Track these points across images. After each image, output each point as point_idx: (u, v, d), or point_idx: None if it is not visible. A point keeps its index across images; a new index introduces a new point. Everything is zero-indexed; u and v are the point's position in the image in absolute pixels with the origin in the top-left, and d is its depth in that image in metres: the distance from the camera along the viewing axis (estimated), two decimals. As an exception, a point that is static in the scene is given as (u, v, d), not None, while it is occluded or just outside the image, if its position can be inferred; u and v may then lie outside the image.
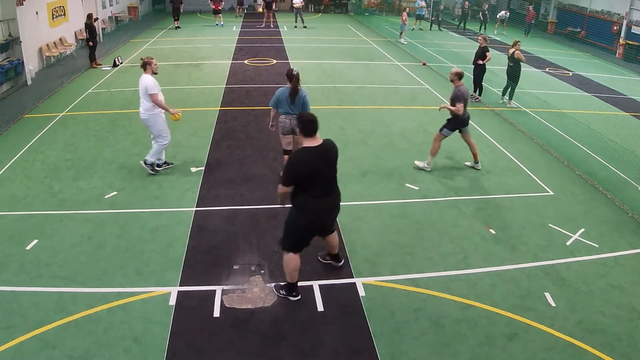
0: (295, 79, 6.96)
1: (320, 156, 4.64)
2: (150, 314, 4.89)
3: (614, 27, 21.76)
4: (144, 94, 7.21)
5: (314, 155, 4.60)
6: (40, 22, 13.93)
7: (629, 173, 8.57)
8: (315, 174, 4.61)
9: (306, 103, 7.14)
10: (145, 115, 7.36)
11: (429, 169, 8.21)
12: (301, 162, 4.62)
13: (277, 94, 7.13)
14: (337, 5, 30.85)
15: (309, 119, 4.69)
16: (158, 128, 7.43)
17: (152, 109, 7.30)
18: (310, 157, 4.60)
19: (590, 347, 4.69)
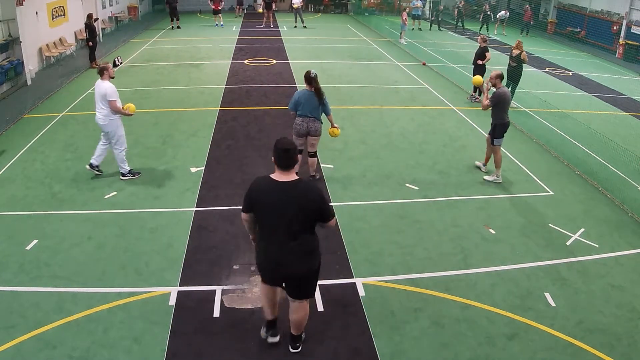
0: (315, 81, 7.09)
1: (284, 194, 3.77)
2: (150, 314, 4.89)
3: (614, 27, 21.76)
4: (101, 99, 7.05)
5: (274, 189, 3.79)
6: (40, 22, 13.93)
7: (629, 173, 8.56)
8: (267, 211, 3.81)
9: (326, 105, 7.30)
10: (105, 121, 7.16)
11: (499, 180, 7.90)
12: (256, 189, 3.89)
13: (296, 97, 7.19)
14: (337, 5, 30.84)
15: (283, 148, 3.79)
16: (119, 133, 7.27)
17: (111, 114, 7.15)
18: (268, 188, 3.82)
19: (590, 347, 4.69)
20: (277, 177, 3.83)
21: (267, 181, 3.84)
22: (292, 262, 3.91)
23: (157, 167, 8.11)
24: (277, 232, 3.84)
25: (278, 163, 3.83)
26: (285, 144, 3.83)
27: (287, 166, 3.81)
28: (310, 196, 3.83)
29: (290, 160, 3.81)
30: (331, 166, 8.32)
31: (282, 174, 3.83)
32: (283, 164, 3.81)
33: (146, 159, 8.41)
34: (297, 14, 23.53)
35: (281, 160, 3.80)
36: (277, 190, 3.79)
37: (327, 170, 8.14)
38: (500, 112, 7.75)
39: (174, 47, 17.87)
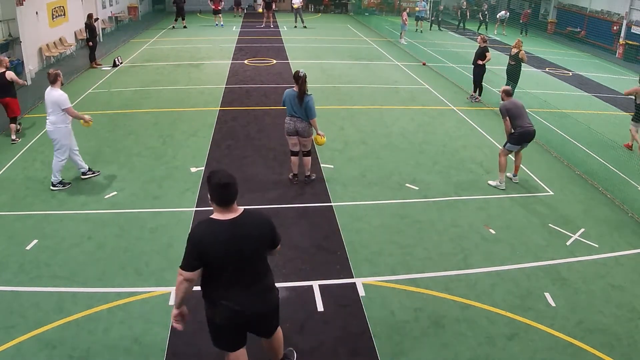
0: (302, 81, 6.96)
1: (233, 234, 3.28)
2: (150, 314, 4.89)
3: (614, 27, 21.76)
4: (53, 107, 6.91)
5: (222, 232, 3.28)
6: (40, 22, 13.93)
7: (629, 173, 8.56)
8: (223, 259, 3.30)
9: (310, 108, 7.11)
10: (51, 128, 7.02)
11: (502, 187, 7.73)
12: (200, 238, 3.29)
13: (284, 95, 7.22)
14: (337, 5, 30.86)
15: (220, 183, 3.28)
16: (62, 142, 7.10)
17: (60, 122, 7.00)
18: (214, 233, 3.29)
19: (590, 347, 4.69)
20: (220, 217, 3.32)
21: (211, 225, 3.32)
22: (259, 304, 3.50)
23: (157, 167, 8.11)
24: (236, 277, 3.36)
25: (217, 201, 3.32)
26: (223, 178, 3.29)
27: (227, 202, 3.31)
28: (263, 228, 3.42)
29: (230, 196, 3.30)
30: (331, 166, 8.32)
31: (224, 212, 3.32)
32: (222, 200, 3.30)
33: (146, 159, 8.41)
34: (297, 14, 23.53)
35: (220, 197, 3.30)
36: (226, 232, 3.28)
37: (327, 170, 8.14)
38: (513, 122, 7.59)
39: (174, 47, 17.87)
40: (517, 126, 7.57)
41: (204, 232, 3.32)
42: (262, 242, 3.41)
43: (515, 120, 7.57)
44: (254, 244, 3.36)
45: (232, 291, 3.39)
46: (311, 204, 7.10)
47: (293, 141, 7.38)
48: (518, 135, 7.59)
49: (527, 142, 7.78)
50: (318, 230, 6.46)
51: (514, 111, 7.59)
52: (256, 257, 3.43)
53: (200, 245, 3.27)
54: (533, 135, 7.68)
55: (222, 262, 3.30)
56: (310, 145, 7.50)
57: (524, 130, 7.55)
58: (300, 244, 6.11)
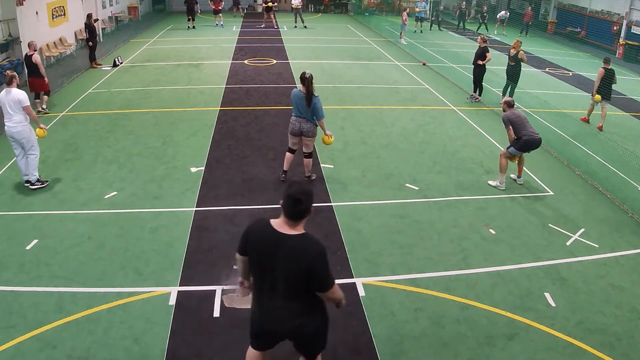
0: (308, 82, 6.96)
1: (274, 247, 3.17)
2: (150, 314, 4.89)
3: (614, 27, 21.76)
4: (15, 106, 6.90)
5: (270, 238, 3.20)
6: (40, 22, 13.93)
7: (629, 173, 8.56)
8: (260, 259, 3.28)
9: (317, 109, 7.10)
10: (19, 128, 6.93)
11: (502, 187, 7.75)
12: (251, 232, 3.32)
13: (292, 95, 7.27)
14: (337, 5, 30.86)
15: (295, 197, 3.15)
16: (32, 138, 7.12)
17: (25, 120, 7.00)
18: (262, 235, 3.24)
19: (590, 347, 4.69)
20: (277, 226, 3.23)
21: (266, 227, 3.26)
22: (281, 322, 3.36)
23: (157, 167, 8.11)
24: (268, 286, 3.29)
25: (284, 211, 3.21)
26: (298, 193, 3.16)
27: (292, 217, 3.19)
28: (310, 260, 3.14)
29: (297, 213, 3.17)
30: (331, 166, 8.32)
31: (285, 224, 3.22)
32: (288, 213, 3.19)
33: (146, 159, 8.41)
34: (297, 14, 23.42)
35: (287, 209, 3.19)
36: (271, 241, 3.19)
37: (327, 170, 8.14)
38: (517, 131, 7.60)
39: (174, 47, 17.87)
40: (523, 134, 7.55)
41: (256, 229, 3.31)
42: (303, 275, 3.16)
43: (520, 130, 7.56)
44: (293, 270, 3.17)
45: (259, 298, 3.39)
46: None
47: (294, 140, 7.39)
48: (524, 142, 7.57)
49: (532, 150, 7.79)
50: (318, 230, 6.46)
51: (516, 121, 7.59)
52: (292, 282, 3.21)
53: (246, 237, 3.35)
54: (539, 143, 7.65)
55: (258, 266, 3.31)
56: (312, 147, 7.50)
57: (529, 139, 7.53)
58: (300, 244, 6.10)
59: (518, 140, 7.60)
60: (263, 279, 3.31)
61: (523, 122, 7.61)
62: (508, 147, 7.77)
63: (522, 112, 7.88)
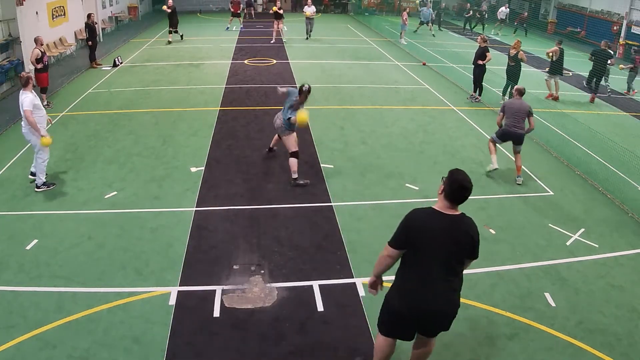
0: (304, 95, 7.36)
1: (451, 228, 3.45)
2: (150, 314, 4.89)
3: (614, 27, 21.76)
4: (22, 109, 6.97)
5: (441, 223, 3.45)
6: (40, 22, 13.92)
7: (629, 173, 8.56)
8: (430, 246, 3.44)
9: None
10: (26, 130, 7.02)
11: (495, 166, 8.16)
12: (418, 222, 3.50)
13: (289, 89, 7.65)
14: (337, 5, 30.87)
15: (460, 183, 3.45)
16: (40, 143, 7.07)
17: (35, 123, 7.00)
18: (434, 222, 3.46)
19: (590, 347, 4.69)
20: (443, 210, 3.47)
21: (432, 214, 3.48)
22: (444, 302, 3.54)
23: (157, 167, 8.11)
24: (435, 269, 3.46)
25: (449, 197, 3.45)
26: (465, 181, 3.45)
27: (457, 201, 3.47)
28: (472, 232, 3.51)
29: (463, 198, 3.46)
30: (331, 166, 8.32)
31: (447, 208, 3.47)
32: (454, 198, 3.45)
33: (146, 159, 8.41)
34: (308, 24, 20.12)
35: (454, 195, 3.44)
36: (444, 224, 3.44)
37: (327, 170, 8.14)
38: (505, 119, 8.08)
39: (174, 47, 17.87)
40: (506, 124, 8.06)
41: (422, 218, 3.48)
42: (467, 247, 3.49)
43: (506, 119, 8.04)
44: (461, 245, 3.46)
45: (423, 283, 3.48)
46: (311, 204, 7.10)
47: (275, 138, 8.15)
48: (502, 132, 8.10)
49: (513, 142, 8.06)
50: (318, 230, 6.46)
51: (509, 111, 7.99)
52: (456, 259, 3.50)
53: (413, 228, 3.46)
54: (515, 137, 7.97)
55: (427, 251, 3.43)
56: (292, 147, 7.47)
57: (507, 130, 7.98)
58: (300, 244, 6.11)
59: (500, 128, 8.19)
60: (431, 262, 3.44)
61: (514, 114, 7.94)
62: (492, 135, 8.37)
63: (523, 105, 7.98)
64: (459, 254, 3.48)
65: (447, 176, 3.49)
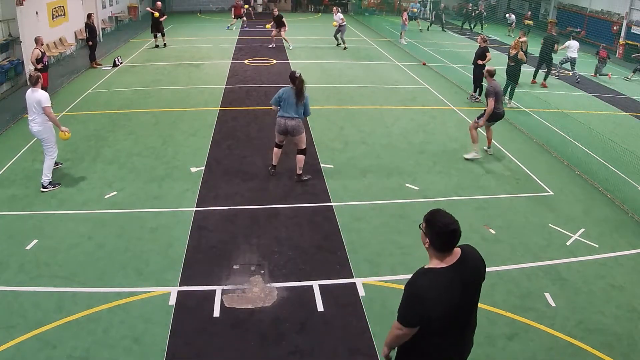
0: (299, 81, 7.23)
1: (454, 282, 2.86)
2: (150, 314, 4.89)
3: (614, 27, 21.76)
4: (37, 107, 6.99)
5: (443, 283, 2.85)
6: (40, 22, 13.92)
7: (629, 173, 8.56)
8: (445, 314, 2.86)
9: (307, 107, 7.48)
10: (38, 127, 7.06)
11: (478, 157, 8.71)
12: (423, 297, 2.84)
13: (280, 92, 7.40)
14: (337, 5, 30.83)
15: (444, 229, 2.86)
16: (52, 140, 7.18)
17: (44, 122, 7.09)
18: (436, 287, 2.84)
19: (590, 347, 4.69)
20: (438, 265, 2.89)
21: (431, 277, 2.88)
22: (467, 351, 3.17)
23: (157, 167, 8.11)
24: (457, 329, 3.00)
25: (439, 247, 2.87)
26: (450, 224, 2.87)
27: (450, 248, 2.90)
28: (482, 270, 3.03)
29: (455, 241, 2.90)
30: (331, 166, 8.32)
31: (443, 258, 2.89)
32: (446, 247, 2.88)
33: (146, 159, 8.41)
34: (338, 33, 18.88)
35: (444, 244, 2.87)
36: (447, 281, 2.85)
37: (327, 170, 8.14)
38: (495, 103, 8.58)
39: (174, 47, 17.87)
40: (496, 108, 8.59)
41: (425, 287, 2.86)
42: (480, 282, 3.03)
43: (496, 103, 8.55)
44: (475, 288, 3.00)
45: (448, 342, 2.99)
46: (311, 204, 7.10)
47: (281, 138, 7.65)
48: (494, 115, 8.68)
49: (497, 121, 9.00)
50: (318, 230, 6.46)
51: (499, 94, 8.59)
52: (475, 302, 3.06)
53: (421, 304, 2.85)
54: (502, 115, 8.96)
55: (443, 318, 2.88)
56: (304, 144, 7.57)
57: (498, 112, 8.71)
58: (300, 244, 6.11)
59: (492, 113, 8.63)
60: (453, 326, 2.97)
61: (500, 96, 8.69)
62: (478, 118, 8.76)
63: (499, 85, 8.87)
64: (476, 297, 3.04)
65: (427, 224, 2.90)
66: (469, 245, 3.08)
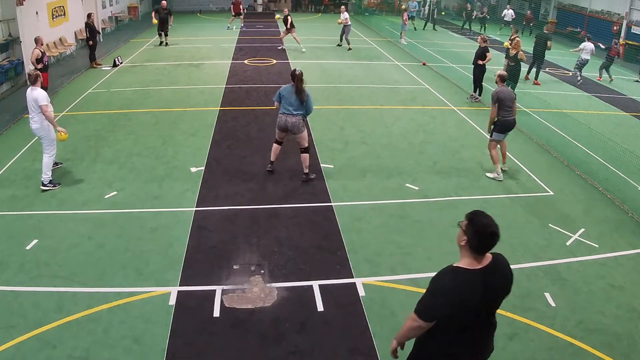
0: (298, 78, 7.37)
1: (483, 286, 2.88)
2: (150, 314, 4.89)
3: (614, 27, 21.74)
4: (35, 105, 7.03)
5: (471, 285, 2.87)
6: (40, 22, 13.92)
7: (629, 173, 8.55)
8: (468, 314, 2.91)
9: (309, 105, 7.55)
10: (37, 125, 7.10)
11: (500, 178, 7.99)
12: (448, 293, 2.88)
13: (280, 90, 7.58)
14: (337, 5, 30.82)
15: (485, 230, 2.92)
16: (50, 137, 7.20)
17: (42, 120, 7.10)
18: (464, 287, 2.87)
19: (590, 347, 4.69)
20: (472, 266, 2.91)
21: (460, 276, 2.91)
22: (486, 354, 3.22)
23: (157, 167, 8.11)
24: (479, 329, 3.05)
25: (478, 249, 2.91)
26: (493, 226, 2.95)
27: (486, 251, 2.95)
28: (509, 279, 3.05)
29: (493, 245, 2.93)
30: (331, 166, 8.32)
31: (475, 260, 2.92)
32: (483, 249, 2.92)
33: (146, 158, 8.41)
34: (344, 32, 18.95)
35: (483, 246, 2.91)
36: (477, 284, 2.88)
37: (327, 170, 8.14)
38: (499, 111, 7.95)
39: (174, 47, 17.87)
40: (501, 116, 7.96)
41: (452, 285, 2.90)
42: (505, 293, 3.06)
43: (501, 110, 7.92)
44: (501, 295, 3.02)
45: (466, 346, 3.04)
46: (311, 204, 7.10)
47: (281, 135, 7.74)
48: (502, 124, 7.99)
49: (509, 131, 8.20)
50: (318, 230, 6.47)
51: (503, 101, 7.89)
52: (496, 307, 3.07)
53: (441, 301, 2.89)
54: (514, 124, 8.13)
55: (465, 317, 2.92)
56: (306, 143, 7.59)
57: (506, 120, 7.97)
58: (300, 244, 6.11)
59: (496, 123, 8.01)
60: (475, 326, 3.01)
61: (508, 103, 7.92)
62: (491, 135, 8.11)
63: (510, 91, 8.13)
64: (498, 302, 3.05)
65: (468, 223, 2.95)
66: (501, 255, 3.10)
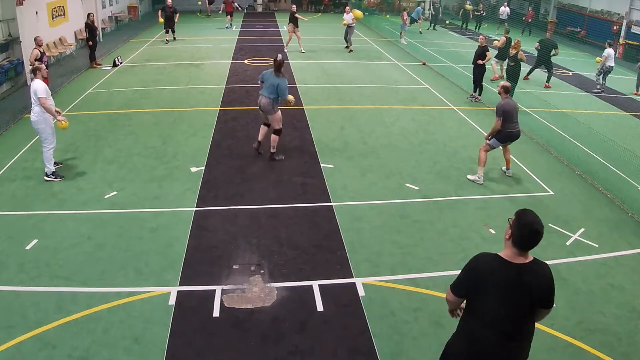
0: (278, 65, 8.08)
1: (515, 280, 2.99)
2: (150, 313, 4.89)
3: (614, 27, 21.75)
4: (34, 97, 7.13)
5: (504, 274, 3.01)
6: (40, 22, 13.92)
7: (629, 173, 8.56)
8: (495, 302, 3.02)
9: (282, 89, 8.06)
10: (35, 118, 7.21)
11: (480, 181, 7.85)
12: (482, 270, 3.09)
13: (263, 73, 8.40)
14: (337, 5, 30.85)
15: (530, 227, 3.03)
16: (47, 131, 7.29)
17: (41, 112, 7.21)
18: (497, 273, 3.03)
19: (590, 347, 4.69)
20: (511, 258, 3.04)
21: (497, 263, 3.05)
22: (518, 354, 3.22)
23: (157, 167, 8.11)
24: (498, 323, 3.04)
25: (518, 243, 3.03)
26: (536, 224, 3.02)
27: (527, 248, 3.05)
28: (545, 281, 3.07)
29: (534, 244, 3.02)
30: (331, 166, 8.32)
31: (517, 255, 3.05)
32: (524, 245, 3.03)
33: (146, 158, 8.41)
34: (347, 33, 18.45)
35: (524, 241, 3.02)
36: (512, 275, 2.99)
37: (327, 170, 8.14)
38: (504, 123, 7.65)
39: (174, 47, 17.87)
40: (506, 128, 7.68)
41: (487, 266, 3.08)
42: (538, 297, 3.05)
43: (506, 123, 7.65)
44: (532, 296, 3.03)
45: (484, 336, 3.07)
46: (311, 204, 7.10)
47: (262, 116, 8.40)
48: (505, 135, 7.75)
49: (512, 142, 7.96)
50: (318, 230, 6.47)
51: (509, 113, 7.63)
52: (525, 311, 3.06)
53: (477, 278, 3.08)
54: (518, 136, 7.87)
55: (492, 304, 3.02)
56: (276, 124, 8.19)
57: (511, 132, 7.72)
58: (300, 244, 6.11)
59: (499, 132, 7.73)
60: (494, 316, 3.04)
61: (513, 115, 7.72)
62: (489, 139, 7.86)
63: (515, 102, 7.94)
64: (528, 305, 3.04)
65: (515, 218, 3.09)
66: (547, 265, 3.15)
